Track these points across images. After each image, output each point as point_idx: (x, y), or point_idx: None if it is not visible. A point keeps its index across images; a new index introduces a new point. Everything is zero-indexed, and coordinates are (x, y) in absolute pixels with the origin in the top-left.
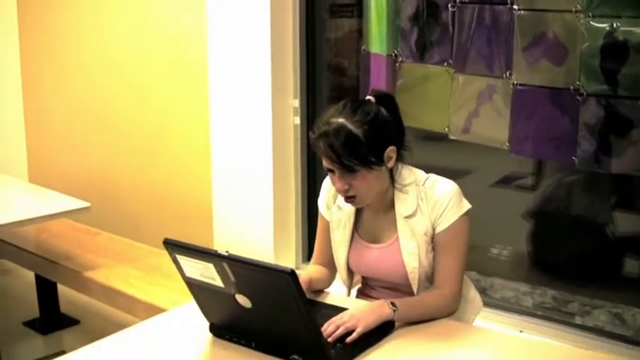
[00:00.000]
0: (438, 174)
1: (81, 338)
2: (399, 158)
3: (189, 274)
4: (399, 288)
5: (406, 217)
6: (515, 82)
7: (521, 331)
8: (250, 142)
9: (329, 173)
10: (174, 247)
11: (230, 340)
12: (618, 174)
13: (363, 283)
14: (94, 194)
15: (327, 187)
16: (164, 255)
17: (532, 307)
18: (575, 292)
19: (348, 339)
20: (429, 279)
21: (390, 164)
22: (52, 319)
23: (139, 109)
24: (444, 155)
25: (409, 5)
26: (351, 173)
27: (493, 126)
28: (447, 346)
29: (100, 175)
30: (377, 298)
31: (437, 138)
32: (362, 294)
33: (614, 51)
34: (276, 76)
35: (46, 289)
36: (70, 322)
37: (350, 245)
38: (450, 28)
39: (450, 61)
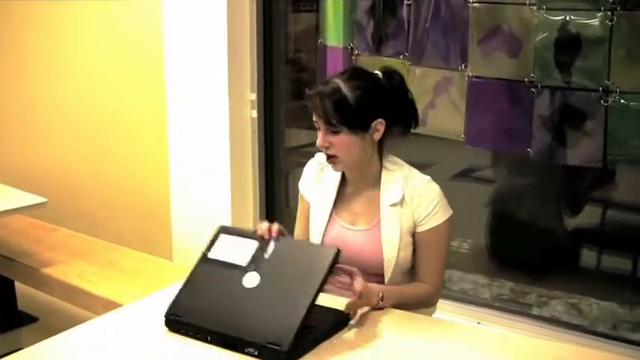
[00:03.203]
0: None
1: (40, 336)
2: (387, 134)
3: (213, 254)
4: (367, 279)
5: (391, 205)
6: (470, 74)
7: (479, 323)
8: (207, 136)
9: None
10: (226, 229)
11: (186, 334)
12: (573, 165)
13: None
14: (51, 190)
15: (310, 168)
16: (122, 250)
17: (490, 299)
18: (533, 283)
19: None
20: (402, 272)
21: (377, 137)
22: (10, 317)
23: (95, 103)
24: (404, 148)
25: None
26: (333, 131)
27: (449, 118)
28: (403, 338)
29: (57, 171)
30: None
31: None
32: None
33: (567, 43)
34: (233, 69)
35: (3, 287)
36: (28, 319)
37: (327, 225)
38: (406, 21)
39: (406, 53)
